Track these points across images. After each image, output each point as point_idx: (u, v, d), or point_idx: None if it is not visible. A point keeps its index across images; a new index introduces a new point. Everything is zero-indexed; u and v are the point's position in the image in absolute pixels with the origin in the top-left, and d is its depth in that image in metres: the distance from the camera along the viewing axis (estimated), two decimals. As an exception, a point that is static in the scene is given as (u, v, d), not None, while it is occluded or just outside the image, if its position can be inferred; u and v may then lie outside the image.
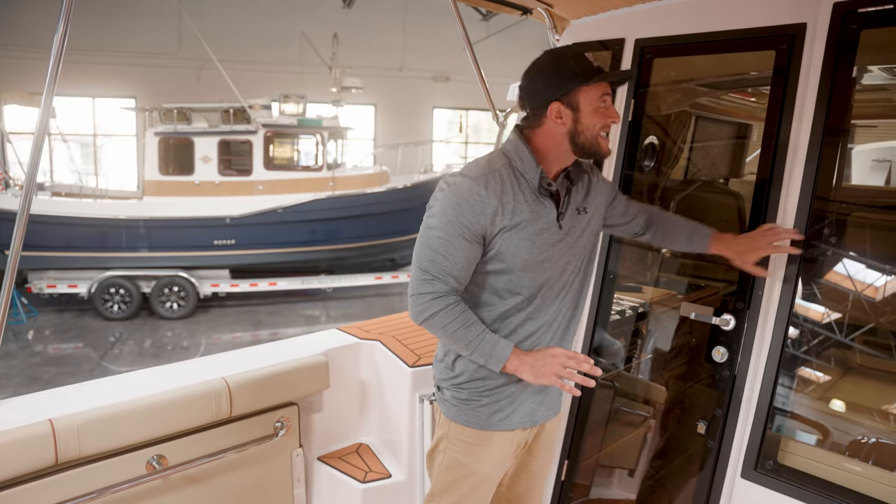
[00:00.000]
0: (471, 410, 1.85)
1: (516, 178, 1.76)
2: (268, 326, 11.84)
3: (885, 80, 2.51)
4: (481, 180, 1.70)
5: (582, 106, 1.74)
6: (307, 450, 2.60)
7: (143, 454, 2.04)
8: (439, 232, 1.70)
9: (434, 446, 1.96)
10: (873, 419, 2.22)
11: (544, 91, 1.74)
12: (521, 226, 1.74)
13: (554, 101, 1.74)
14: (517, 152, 1.79)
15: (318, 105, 14.98)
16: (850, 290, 2.27)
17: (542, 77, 1.75)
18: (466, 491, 1.89)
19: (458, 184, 1.71)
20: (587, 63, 1.73)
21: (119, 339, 11.03)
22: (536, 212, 1.77)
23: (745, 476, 2.10)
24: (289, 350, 2.58)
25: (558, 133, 1.77)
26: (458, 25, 2.81)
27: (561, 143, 1.78)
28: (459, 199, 1.69)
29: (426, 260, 1.72)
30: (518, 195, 1.75)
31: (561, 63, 1.74)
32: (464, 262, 1.72)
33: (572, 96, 1.73)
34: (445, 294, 1.72)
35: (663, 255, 3.95)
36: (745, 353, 2.18)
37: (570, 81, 1.71)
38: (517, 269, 1.76)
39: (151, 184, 12.44)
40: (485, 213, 1.69)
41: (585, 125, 1.75)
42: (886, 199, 3.06)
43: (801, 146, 2.06)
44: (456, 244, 1.69)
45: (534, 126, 1.80)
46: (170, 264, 12.08)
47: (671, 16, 2.47)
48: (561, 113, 1.74)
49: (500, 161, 1.78)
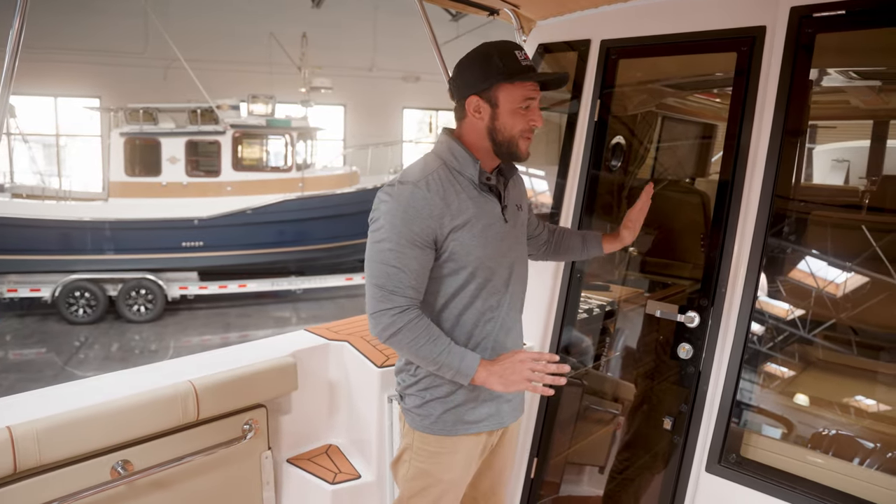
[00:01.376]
0: (435, 419, 1.82)
1: (454, 177, 1.74)
2: (237, 329, 11.71)
3: (842, 82, 2.57)
4: (422, 184, 1.68)
5: (501, 103, 1.72)
6: (276, 452, 2.57)
7: (107, 460, 2.01)
8: (389, 244, 1.66)
9: (398, 456, 1.94)
10: (833, 412, 2.28)
11: (466, 83, 1.73)
12: (470, 223, 1.72)
13: (473, 95, 1.72)
14: (451, 152, 1.77)
15: (287, 105, 14.85)
16: (811, 287, 2.33)
17: (467, 69, 1.74)
18: (433, 498, 1.87)
19: (400, 192, 1.68)
20: (514, 61, 1.70)
21: (84, 344, 10.81)
22: (481, 207, 1.76)
23: (709, 470, 2.14)
24: (256, 352, 2.55)
25: (478, 128, 1.75)
26: (424, 26, 2.82)
27: (482, 140, 1.76)
28: (405, 207, 1.65)
29: (381, 276, 1.68)
30: (461, 193, 1.73)
31: (486, 58, 1.71)
32: (419, 270, 1.69)
33: (492, 92, 1.71)
34: (407, 308, 1.68)
35: (630, 255, 4.00)
36: (709, 350, 2.23)
37: (491, 77, 1.69)
38: (472, 266, 1.74)
39: (117, 185, 12.21)
40: (432, 216, 1.66)
41: (503, 123, 1.73)
42: (845, 198, 3.13)
43: (762, 146, 2.11)
44: (409, 253, 1.66)
45: (459, 119, 1.80)
46: (137, 267, 11.87)
47: (636, 17, 2.50)
48: (479, 107, 1.73)
49: (434, 163, 1.75)
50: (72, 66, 14.98)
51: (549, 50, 2.82)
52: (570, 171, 2.76)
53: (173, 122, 12.60)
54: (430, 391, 1.82)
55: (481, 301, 1.79)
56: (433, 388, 1.82)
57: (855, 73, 2.56)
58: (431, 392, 1.82)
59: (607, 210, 4.13)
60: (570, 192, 2.76)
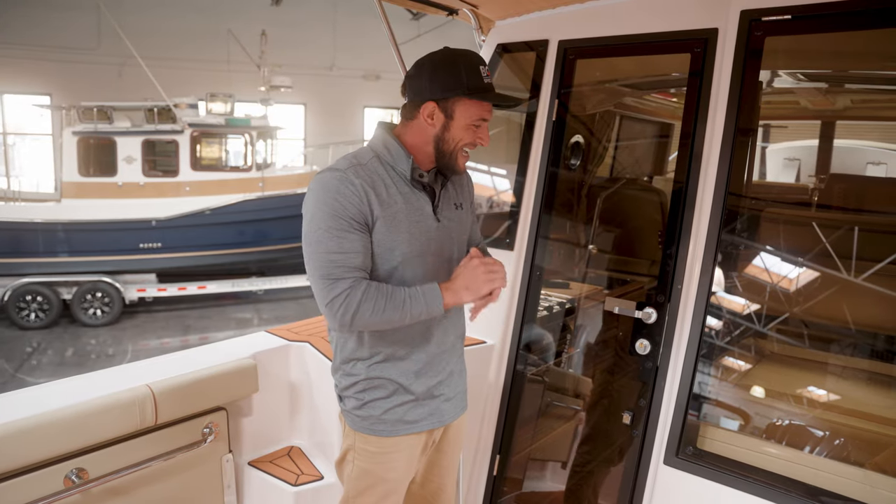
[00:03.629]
0: (375, 420, 1.81)
1: (386, 170, 1.73)
2: (197, 331, 11.52)
3: (792, 84, 2.65)
4: (350, 171, 1.66)
5: (456, 116, 1.71)
6: (237, 455, 2.54)
7: (60, 468, 1.95)
8: (325, 232, 1.63)
9: (342, 456, 1.92)
10: (787, 403, 2.35)
11: (426, 87, 1.70)
12: (397, 217, 1.70)
13: (431, 101, 1.70)
14: (385, 145, 1.76)
15: (247, 104, 14.66)
16: (764, 282, 2.39)
17: (429, 73, 1.71)
18: (378, 497, 1.87)
19: (327, 179, 1.65)
20: (477, 77, 1.69)
21: (37, 349, 10.50)
22: (411, 203, 1.74)
23: (667, 462, 2.18)
24: (216, 354, 2.52)
25: (426, 133, 1.74)
26: (383, 25, 2.81)
27: (426, 144, 1.75)
28: (335, 194, 1.63)
29: (324, 265, 1.64)
30: (391, 186, 1.71)
31: (452, 66, 1.69)
32: (361, 250, 1.66)
33: (450, 103, 1.70)
34: (355, 283, 1.64)
35: (590, 252, 4.06)
36: (666, 345, 2.27)
37: (453, 88, 1.68)
38: (396, 262, 1.73)
39: (70, 185, 11.91)
40: (362, 201, 1.64)
41: (453, 135, 1.73)
42: (795, 195, 3.23)
43: (715, 145, 2.16)
44: (347, 237, 1.63)
45: (407, 118, 1.76)
46: (92, 269, 11.59)
47: (593, 18, 2.54)
48: (434, 115, 1.71)
49: (367, 155, 1.74)
50: (19, 62, 14.57)
51: (508, 50, 2.85)
52: (529, 170, 2.79)
53: (129, 121, 12.32)
54: (368, 392, 1.81)
55: None
56: (371, 389, 1.81)
57: (803, 76, 2.64)
58: (370, 393, 1.81)
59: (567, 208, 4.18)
60: (528, 191, 2.79)
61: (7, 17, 13.49)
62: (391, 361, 1.80)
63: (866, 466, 1.98)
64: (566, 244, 4.12)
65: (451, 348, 1.92)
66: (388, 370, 1.80)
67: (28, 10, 14.23)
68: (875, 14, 1.89)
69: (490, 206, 3.19)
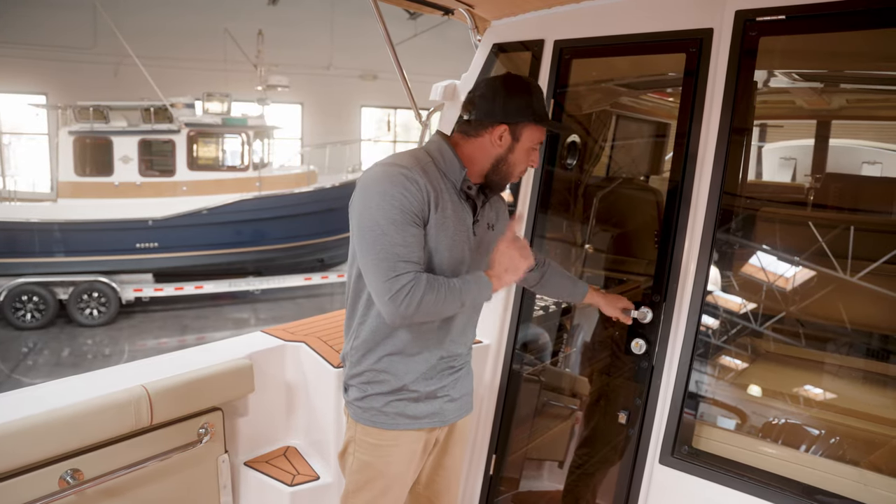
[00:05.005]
0: (376, 411, 1.84)
1: (441, 175, 1.78)
2: (195, 331, 11.50)
3: (787, 84, 2.66)
4: (416, 168, 1.71)
5: (522, 140, 1.80)
6: (233, 455, 2.54)
7: (55, 469, 1.95)
8: (391, 224, 1.65)
9: (344, 448, 1.96)
10: (782, 402, 2.36)
11: (500, 110, 1.77)
12: (446, 222, 1.75)
13: (504, 124, 1.77)
14: (441, 153, 1.81)
15: (244, 104, 14.66)
16: (760, 281, 2.40)
17: (503, 96, 1.77)
18: (378, 492, 1.89)
19: (394, 174, 1.68)
20: (543, 104, 1.81)
21: (33, 350, 10.48)
22: (457, 211, 1.79)
23: (662, 462, 2.18)
24: (212, 354, 2.51)
25: (489, 153, 1.80)
26: (379, 25, 2.81)
27: (485, 162, 1.81)
28: (402, 189, 1.66)
29: (388, 257, 1.64)
30: (444, 192, 1.76)
31: (527, 94, 1.78)
32: (418, 246, 1.69)
33: (520, 127, 1.79)
34: (417, 277, 1.66)
35: (587, 251, 4.06)
36: (661, 345, 2.27)
37: (526, 113, 1.77)
38: (437, 264, 1.77)
39: (66, 185, 11.89)
40: (424, 200, 1.69)
41: (516, 158, 1.81)
42: (791, 195, 3.23)
43: (710, 145, 2.16)
44: (409, 230, 1.66)
45: (469, 134, 1.82)
46: (89, 269, 11.56)
47: (589, 18, 2.54)
48: (503, 136, 1.78)
49: (425, 158, 1.79)
50: (15, 61, 14.52)
51: (504, 50, 2.84)
52: (526, 170, 2.79)
53: (125, 121, 12.30)
54: (371, 385, 1.84)
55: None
56: (375, 382, 1.84)
57: (798, 76, 2.64)
58: (373, 386, 1.84)
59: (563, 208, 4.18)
60: (525, 190, 2.79)
61: (3, 17, 13.46)
62: (401, 357, 1.82)
63: (862, 465, 1.98)
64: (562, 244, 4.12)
65: (463, 352, 1.96)
66: (395, 365, 1.83)
67: (24, 9, 14.19)
68: (869, 14, 1.89)
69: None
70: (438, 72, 3.58)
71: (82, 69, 14.90)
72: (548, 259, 2.30)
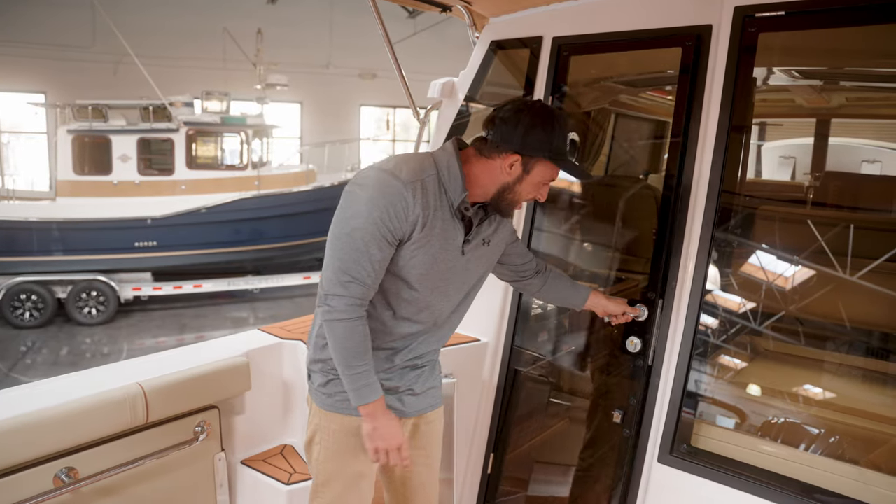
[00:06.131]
0: (340, 397, 1.82)
1: (440, 190, 1.74)
2: (193, 330, 11.49)
3: (786, 81, 2.64)
4: (410, 186, 1.67)
5: (533, 174, 1.75)
6: (229, 454, 2.53)
7: (50, 467, 1.94)
8: (364, 231, 1.65)
9: (310, 438, 1.93)
10: (782, 401, 2.35)
11: (517, 139, 1.71)
12: (432, 240, 1.73)
13: (517, 153, 1.72)
14: (448, 167, 1.75)
15: (243, 102, 14.64)
16: (759, 280, 2.39)
17: (526, 126, 1.71)
18: (348, 480, 1.88)
19: (387, 184, 1.66)
20: (564, 142, 1.73)
21: (32, 349, 10.47)
22: (446, 231, 1.76)
23: (661, 461, 2.18)
24: (208, 352, 2.50)
25: (497, 178, 1.76)
26: (377, 23, 2.80)
27: (491, 185, 1.77)
28: (388, 202, 1.65)
29: (350, 260, 1.66)
30: (437, 210, 1.73)
31: (549, 130, 1.72)
32: (381, 263, 1.70)
33: (534, 162, 1.74)
34: (359, 302, 1.69)
35: (585, 249, 4.04)
36: (660, 343, 2.26)
37: (543, 150, 1.72)
38: (412, 280, 1.76)
39: (65, 184, 11.89)
40: (408, 220, 1.67)
41: (522, 189, 1.78)
42: (790, 193, 3.22)
43: (709, 143, 2.15)
44: (377, 245, 1.66)
45: (482, 153, 1.77)
46: (87, 268, 11.54)
47: (587, 14, 2.53)
48: (514, 166, 1.74)
49: (430, 169, 1.74)
50: (14, 60, 14.50)
51: (502, 47, 2.83)
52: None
53: (124, 120, 12.29)
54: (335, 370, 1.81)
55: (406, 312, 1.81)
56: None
57: (798, 73, 2.63)
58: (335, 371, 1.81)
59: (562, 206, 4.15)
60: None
61: (2, 16, 13.45)
62: None
63: (861, 464, 1.97)
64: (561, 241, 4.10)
65: (429, 352, 1.94)
66: None
67: (24, 8, 14.18)
68: (869, 10, 1.88)
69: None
70: (437, 70, 3.57)
71: (81, 68, 14.89)
72: (549, 265, 2.26)
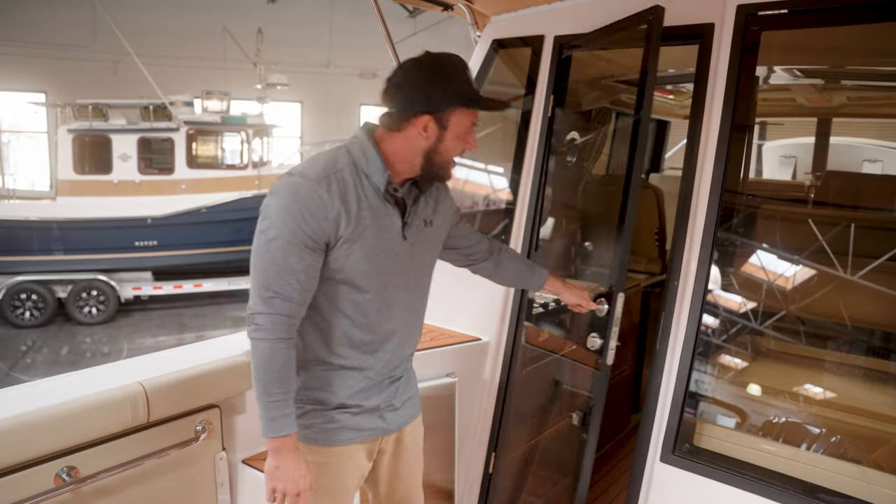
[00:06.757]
0: (318, 428, 1.74)
1: (360, 179, 1.63)
2: (193, 329, 11.49)
3: (787, 80, 2.64)
4: (323, 182, 1.57)
5: (451, 127, 1.64)
6: (231, 453, 2.52)
7: (50, 466, 1.93)
8: (280, 242, 1.54)
9: None
10: (784, 400, 2.34)
11: (420, 99, 1.61)
12: (364, 234, 1.62)
13: (427, 114, 1.61)
14: (363, 152, 1.65)
15: (243, 102, 14.63)
16: (761, 279, 2.38)
17: (422, 83, 1.61)
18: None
19: (297, 187, 1.56)
20: (470, 85, 1.63)
21: (32, 348, 10.47)
22: (379, 218, 1.66)
23: (664, 460, 2.17)
24: (209, 351, 2.49)
25: (417, 146, 1.65)
26: (379, 23, 2.80)
27: (414, 156, 1.66)
28: (301, 206, 1.54)
29: (270, 275, 1.56)
30: (362, 199, 1.62)
31: (447, 77, 1.61)
32: (307, 272, 1.59)
33: (446, 115, 1.62)
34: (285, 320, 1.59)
35: (585, 248, 4.04)
36: (662, 342, 2.26)
37: (450, 99, 1.61)
38: (357, 280, 1.66)
39: (65, 183, 11.88)
40: (327, 219, 1.56)
41: (447, 147, 1.66)
42: (792, 192, 3.22)
43: (711, 141, 2.15)
44: (297, 255, 1.55)
45: (392, 129, 1.66)
46: (87, 267, 11.54)
47: (588, 13, 2.52)
48: (428, 127, 1.62)
49: (343, 160, 1.63)
50: (15, 59, 14.49)
51: (503, 45, 2.83)
52: (525, 167, 2.78)
53: (124, 119, 12.29)
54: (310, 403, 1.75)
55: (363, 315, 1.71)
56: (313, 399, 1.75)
57: (799, 72, 2.63)
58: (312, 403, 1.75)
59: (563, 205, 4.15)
60: (524, 187, 2.77)
61: (2, 15, 13.44)
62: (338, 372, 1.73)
63: (863, 463, 1.97)
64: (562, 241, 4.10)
65: (402, 361, 1.87)
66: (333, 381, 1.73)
67: (24, 7, 14.17)
68: (872, 8, 1.88)
69: (487, 204, 3.17)
70: (438, 69, 3.56)
71: (82, 67, 14.88)
72: (502, 245, 2.15)
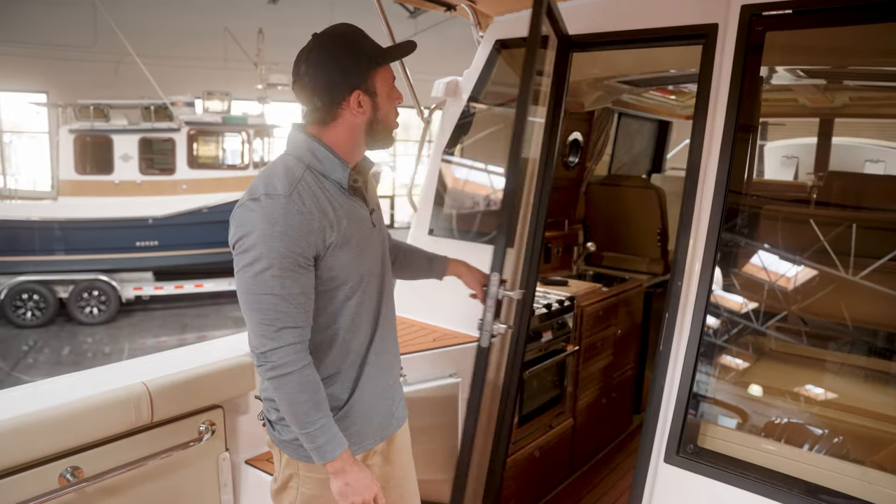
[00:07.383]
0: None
1: (320, 182, 1.58)
2: (195, 330, 11.49)
3: (790, 80, 2.64)
4: (295, 196, 1.51)
5: (379, 90, 1.61)
6: (234, 453, 2.53)
7: (55, 467, 1.94)
8: (273, 271, 1.49)
9: (283, 485, 1.77)
10: (787, 401, 2.34)
11: (342, 80, 1.56)
12: (348, 235, 1.59)
13: (353, 91, 1.57)
14: (314, 154, 1.60)
15: (244, 102, 14.62)
16: (764, 280, 2.38)
17: (334, 65, 1.56)
18: None
19: (273, 208, 1.48)
20: (374, 43, 1.59)
21: (33, 348, 10.46)
22: (352, 213, 1.62)
23: (667, 460, 2.17)
24: (212, 351, 2.50)
25: (357, 124, 1.62)
26: (382, 23, 2.80)
27: (358, 136, 1.64)
28: (282, 227, 1.47)
29: (272, 309, 1.51)
30: (333, 201, 1.58)
31: (351, 46, 1.57)
32: (306, 293, 1.55)
33: (369, 82, 1.59)
34: (300, 347, 1.54)
35: (587, 249, 4.05)
36: (665, 343, 2.25)
37: (366, 65, 1.57)
38: (350, 280, 1.63)
39: (67, 183, 11.88)
40: (313, 231, 1.51)
41: (383, 111, 1.64)
42: (794, 193, 3.22)
43: (715, 141, 2.14)
44: (293, 278, 1.50)
45: (326, 122, 1.61)
46: (89, 267, 11.53)
47: (592, 14, 2.52)
48: (361, 102, 1.59)
49: (298, 169, 1.57)
50: (16, 60, 14.47)
51: (506, 46, 2.83)
52: (529, 169, 2.77)
53: (126, 119, 12.29)
54: None
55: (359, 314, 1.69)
56: None
57: (802, 73, 2.63)
58: None
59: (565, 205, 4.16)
60: (526, 188, 2.76)
61: (3, 15, 13.43)
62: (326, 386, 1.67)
63: (866, 464, 1.97)
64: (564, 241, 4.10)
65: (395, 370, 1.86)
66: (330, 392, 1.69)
67: (24, 7, 14.16)
68: (877, 8, 1.88)
69: (488, 204, 3.17)
70: (438, 70, 3.56)
71: (83, 67, 14.87)
72: (399, 242, 2.10)
